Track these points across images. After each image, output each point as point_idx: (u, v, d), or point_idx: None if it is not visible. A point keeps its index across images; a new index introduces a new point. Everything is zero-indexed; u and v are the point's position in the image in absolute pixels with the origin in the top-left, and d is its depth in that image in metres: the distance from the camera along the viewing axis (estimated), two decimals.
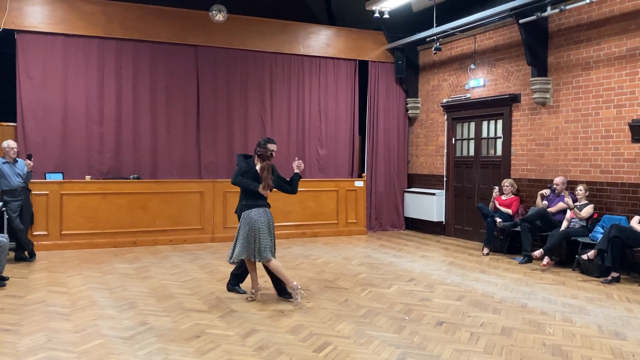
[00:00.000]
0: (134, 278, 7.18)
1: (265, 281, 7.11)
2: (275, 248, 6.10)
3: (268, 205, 6.09)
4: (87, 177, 9.63)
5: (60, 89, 9.75)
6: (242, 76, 11.10)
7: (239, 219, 6.10)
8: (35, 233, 8.93)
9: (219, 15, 10.39)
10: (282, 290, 6.18)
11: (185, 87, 10.66)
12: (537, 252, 8.04)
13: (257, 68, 11.23)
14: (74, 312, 5.60)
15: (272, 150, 6.11)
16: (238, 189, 6.24)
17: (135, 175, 10.01)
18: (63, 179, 9.48)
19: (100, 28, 9.91)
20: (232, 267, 6.59)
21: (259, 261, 5.95)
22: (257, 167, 6.01)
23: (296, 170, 6.29)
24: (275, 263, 5.98)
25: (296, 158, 6.36)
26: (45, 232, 9.05)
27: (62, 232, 9.16)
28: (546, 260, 7.99)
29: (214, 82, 10.86)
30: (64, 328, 5.07)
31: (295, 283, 5.97)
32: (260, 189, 5.93)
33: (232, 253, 5.99)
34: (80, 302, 5.96)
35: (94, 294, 6.32)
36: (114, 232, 9.48)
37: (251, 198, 5.99)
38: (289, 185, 6.29)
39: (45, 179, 9.34)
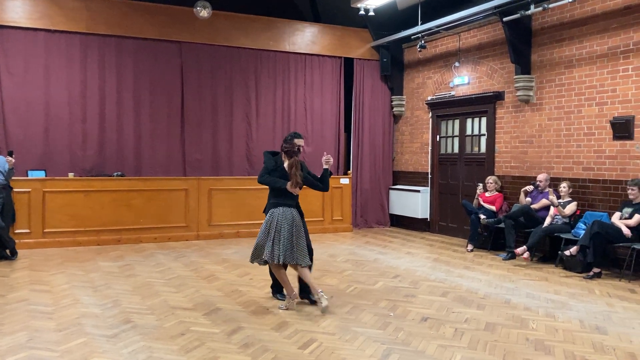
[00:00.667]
0: (118, 276, 7.13)
1: (251, 278, 7.11)
2: (302, 252, 5.58)
3: (297, 205, 5.75)
4: (70, 175, 9.55)
5: (43, 86, 9.63)
6: (227, 73, 11.06)
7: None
8: (17, 231, 8.81)
9: (203, 12, 10.33)
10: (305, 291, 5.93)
11: (170, 84, 10.59)
12: (520, 250, 8.12)
13: (242, 65, 11.19)
14: (56, 310, 5.54)
15: (299, 146, 5.77)
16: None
17: (119, 173, 9.94)
18: (46, 176, 9.37)
19: (83, 24, 9.81)
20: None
21: (275, 262, 5.56)
22: (285, 165, 5.68)
23: (325, 166, 5.82)
24: (302, 271, 5.64)
25: (325, 153, 6.10)
26: (27, 230, 8.94)
27: (45, 230, 9.06)
28: (526, 254, 8.06)
29: (198, 79, 10.80)
30: (47, 327, 5.02)
31: (320, 291, 5.67)
32: (289, 187, 5.58)
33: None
34: (63, 301, 5.90)
35: (77, 293, 6.26)
36: (98, 230, 9.40)
37: (279, 196, 5.67)
38: (320, 182, 5.83)
39: (28, 176, 9.24)
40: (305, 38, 11.73)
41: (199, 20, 10.48)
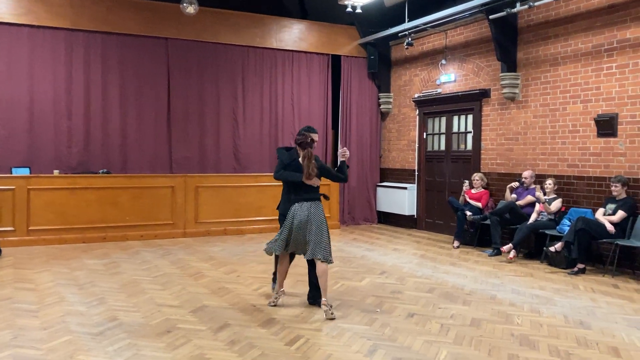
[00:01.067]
0: (104, 274, 7.08)
1: (238, 276, 7.10)
2: (320, 246, 5.40)
3: (317, 199, 5.57)
4: (56, 172, 9.46)
5: (27, 82, 9.53)
6: (214, 70, 11.01)
7: (279, 216, 5.79)
8: (1, 229, 8.72)
9: (190, 8, 10.26)
10: (318, 295, 5.65)
11: (156, 81, 10.52)
12: (506, 247, 8.19)
13: (229, 61, 11.14)
14: (41, 308, 5.50)
15: (312, 138, 5.63)
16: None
17: (105, 170, 9.86)
18: (30, 173, 9.28)
19: (68, 20, 9.71)
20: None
21: (288, 252, 5.56)
22: (300, 158, 5.59)
23: (342, 159, 5.74)
24: (320, 267, 5.42)
25: (340, 146, 6.04)
26: (11, 228, 8.85)
27: (30, 228, 8.97)
28: (512, 254, 8.13)
29: (185, 75, 10.75)
30: (31, 325, 4.97)
31: (283, 289, 5.74)
32: (304, 179, 5.45)
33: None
34: (48, 299, 5.85)
35: (62, 290, 6.21)
36: (83, 227, 9.32)
37: (298, 192, 5.52)
38: (340, 173, 5.70)
39: (12, 173, 9.13)
40: (293, 35, 11.71)
41: (185, 17, 10.41)
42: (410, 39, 10.69)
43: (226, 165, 11.13)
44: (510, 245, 8.18)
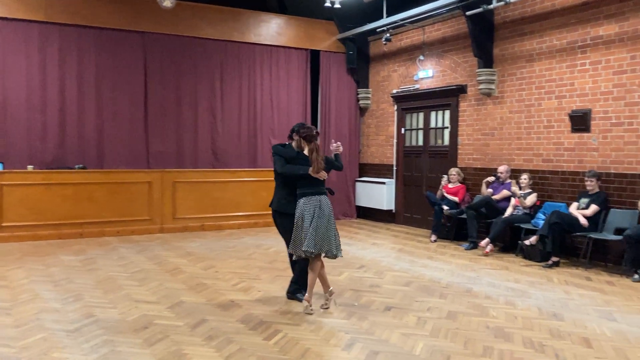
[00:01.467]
0: (80, 270, 7.00)
1: (216, 271, 7.08)
2: (328, 243, 5.26)
3: (324, 193, 5.41)
4: (30, 167, 9.31)
5: None
6: (192, 64, 10.92)
7: (273, 213, 5.63)
8: None
9: (167, 1, 10.14)
10: (297, 290, 5.63)
11: (133, 75, 10.40)
12: (483, 242, 8.30)
13: (206, 56, 11.06)
14: (14, 306, 5.41)
15: (317, 130, 5.54)
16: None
17: (81, 165, 9.73)
18: (3, 169, 9.11)
19: (41, 12, 9.54)
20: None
21: (298, 255, 5.31)
22: (305, 151, 5.41)
23: (337, 152, 5.67)
24: (314, 264, 5.30)
25: (333, 140, 6.00)
26: None
27: (3, 224, 8.81)
28: (489, 247, 8.24)
29: (162, 69, 10.64)
30: (4, 323, 4.89)
31: (331, 288, 5.53)
32: (312, 172, 5.28)
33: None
34: (22, 296, 5.77)
35: (36, 287, 6.12)
36: (59, 223, 9.19)
37: (304, 185, 5.34)
38: (337, 162, 5.64)
39: None
40: (271, 30, 11.67)
41: (162, 10, 10.28)
42: (388, 35, 10.74)
43: (204, 161, 11.06)
44: (487, 239, 8.29)
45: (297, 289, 5.68)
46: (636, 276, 6.74)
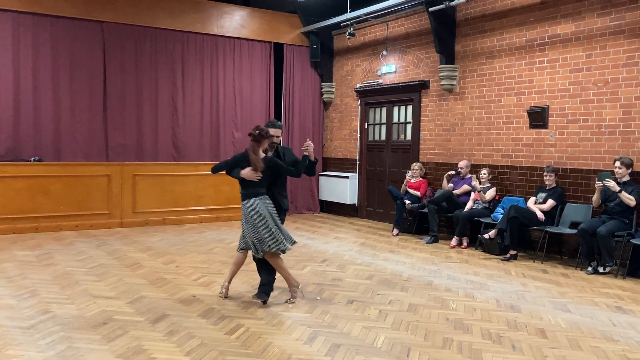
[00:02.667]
0: (36, 265, 6.81)
1: (177, 266, 6.99)
2: (277, 241, 5.31)
3: (259, 194, 5.31)
4: None
5: None
6: (152, 55, 10.70)
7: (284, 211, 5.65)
8: None
9: None
10: (266, 291, 5.47)
11: (91, 65, 10.12)
12: (454, 241, 8.48)
13: (167, 47, 10.86)
14: None
15: (266, 132, 5.33)
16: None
17: (37, 158, 9.43)
18: None
19: None
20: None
21: (258, 255, 5.35)
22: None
23: (305, 153, 5.56)
24: (275, 260, 5.40)
25: (307, 139, 5.88)
26: None
27: None
28: (465, 242, 8.50)
29: (121, 60, 10.39)
30: None
31: (297, 282, 5.57)
32: (243, 173, 5.24)
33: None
34: None
35: None
36: (13, 217, 8.90)
37: (244, 187, 5.34)
38: (296, 167, 5.53)
39: None
40: (234, 22, 11.54)
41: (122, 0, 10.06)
42: (352, 29, 10.76)
43: (165, 154, 10.87)
44: (456, 238, 8.48)
45: (265, 289, 5.49)
46: (589, 268, 6.96)
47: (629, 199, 6.74)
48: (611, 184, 6.80)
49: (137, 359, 4.01)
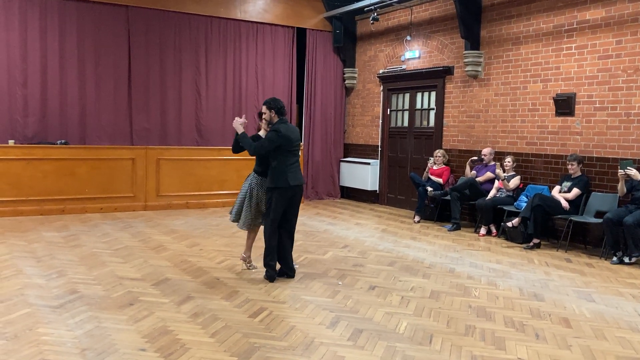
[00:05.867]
0: (63, 246, 6.95)
1: (200, 249, 7.06)
2: (252, 219, 5.86)
3: (257, 172, 5.95)
4: (11, 142, 9.15)
5: None
6: (176, 39, 10.74)
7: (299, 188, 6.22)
8: None
9: None
10: (288, 267, 5.83)
11: (116, 50, 10.20)
12: (482, 230, 8.49)
13: (191, 31, 10.89)
14: None
15: (261, 111, 5.84)
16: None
17: (64, 141, 9.58)
18: None
19: None
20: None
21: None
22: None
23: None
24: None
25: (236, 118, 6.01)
26: None
27: None
28: (493, 230, 8.46)
29: (146, 45, 10.45)
30: None
31: (244, 255, 6.12)
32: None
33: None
34: (4, 272, 5.72)
35: (19, 263, 6.07)
36: (41, 199, 9.09)
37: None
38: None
39: None
40: (258, 6, 11.52)
41: None
42: (375, 14, 10.66)
43: (188, 138, 10.96)
44: (484, 227, 8.44)
45: (286, 266, 5.82)
46: (615, 258, 6.88)
47: None
48: (632, 172, 6.69)
49: (163, 340, 4.08)
